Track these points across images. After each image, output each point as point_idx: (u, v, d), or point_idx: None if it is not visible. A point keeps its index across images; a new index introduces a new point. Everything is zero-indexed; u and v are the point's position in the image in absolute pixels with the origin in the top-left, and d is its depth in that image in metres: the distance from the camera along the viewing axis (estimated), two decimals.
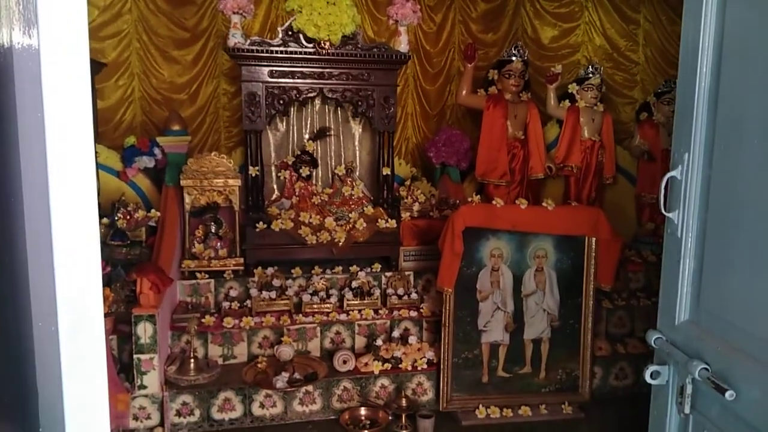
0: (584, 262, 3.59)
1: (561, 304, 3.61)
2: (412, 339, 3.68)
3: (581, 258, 3.59)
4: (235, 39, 3.74)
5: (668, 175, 1.45)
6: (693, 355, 1.42)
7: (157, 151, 4.17)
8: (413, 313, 3.82)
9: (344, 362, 3.49)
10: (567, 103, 4.72)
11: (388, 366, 3.51)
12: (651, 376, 1.61)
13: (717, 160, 1.39)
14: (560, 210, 3.57)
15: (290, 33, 3.82)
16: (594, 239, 3.56)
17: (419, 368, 3.55)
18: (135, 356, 3.10)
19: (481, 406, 3.50)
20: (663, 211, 1.48)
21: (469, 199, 3.52)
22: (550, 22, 5.50)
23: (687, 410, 1.46)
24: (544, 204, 3.54)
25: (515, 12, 5.40)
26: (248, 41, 3.76)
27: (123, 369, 3.29)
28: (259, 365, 3.41)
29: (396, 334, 3.73)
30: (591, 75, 4.70)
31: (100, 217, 3.84)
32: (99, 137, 4.42)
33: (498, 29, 5.40)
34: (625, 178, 5.11)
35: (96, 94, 4.37)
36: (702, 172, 1.41)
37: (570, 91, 4.75)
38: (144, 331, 3.08)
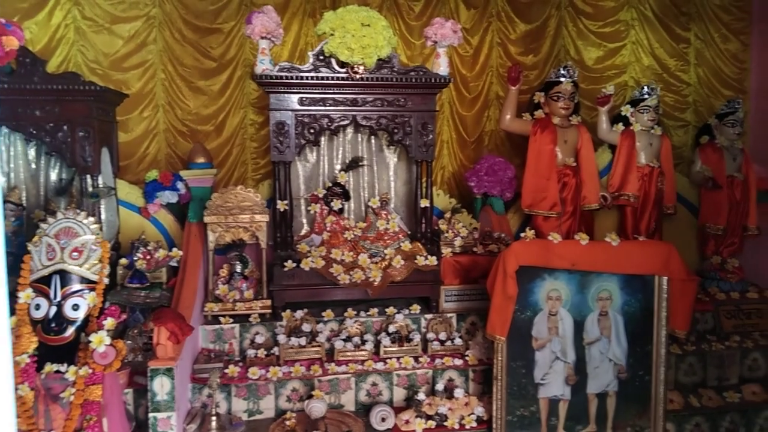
0: (655, 304, 3.16)
1: (629, 352, 3.18)
2: (458, 392, 3.28)
3: (651, 300, 3.17)
4: (263, 65, 3.49)
5: None
6: None
7: (180, 185, 3.93)
8: (458, 361, 3.42)
9: (383, 420, 3.10)
10: (620, 126, 4.35)
11: (431, 424, 3.12)
12: None
13: None
14: (626, 246, 3.16)
15: (321, 57, 3.55)
16: (665, 279, 3.14)
17: (467, 426, 3.14)
18: (151, 415, 2.77)
19: None
20: None
21: (522, 235, 3.15)
22: (594, 42, 5.20)
23: None
24: (607, 239, 3.14)
25: (557, 32, 5.12)
26: (277, 67, 3.51)
27: (139, 426, 2.97)
28: (287, 422, 3.05)
29: (439, 386, 3.34)
30: (647, 96, 4.33)
31: (119, 257, 3.59)
32: (121, 172, 4.21)
33: (539, 51, 5.11)
34: (683, 206, 4.69)
35: (116, 126, 4.17)
36: None
37: (623, 113, 4.39)
38: (161, 386, 2.75)
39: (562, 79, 4.19)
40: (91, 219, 2.84)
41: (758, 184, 4.52)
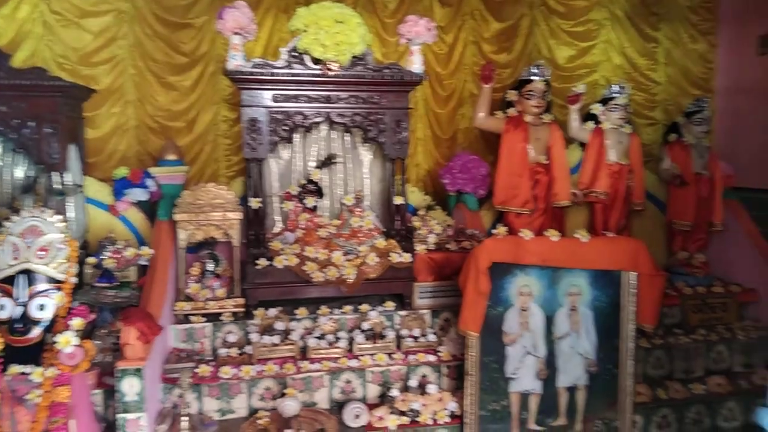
0: (623, 299, 3.22)
1: (598, 346, 3.24)
2: (431, 388, 3.31)
3: (620, 295, 3.23)
4: (236, 61, 3.46)
5: None
6: None
7: (150, 182, 3.87)
8: (431, 358, 3.44)
9: (356, 417, 3.11)
10: (591, 124, 4.42)
11: (405, 420, 3.14)
12: None
13: None
14: (596, 242, 3.22)
15: (295, 54, 3.53)
16: (634, 274, 3.20)
17: (440, 422, 3.17)
18: (120, 416, 2.73)
19: None
20: None
21: (494, 231, 3.18)
22: (566, 41, 5.25)
23: None
24: (576, 235, 3.20)
25: (530, 31, 5.16)
26: (249, 63, 3.48)
27: (109, 428, 2.92)
28: (260, 421, 3.04)
29: (413, 382, 3.36)
30: (617, 94, 4.40)
31: (87, 255, 3.53)
32: (89, 168, 4.14)
33: (512, 49, 5.15)
34: (652, 203, 4.78)
35: (83, 122, 4.09)
36: None
37: (593, 111, 4.45)
38: (130, 387, 2.72)
39: (534, 78, 4.23)
40: (58, 217, 2.78)
41: (724, 181, 4.63)
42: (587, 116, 4.50)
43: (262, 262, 3.53)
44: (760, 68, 5.00)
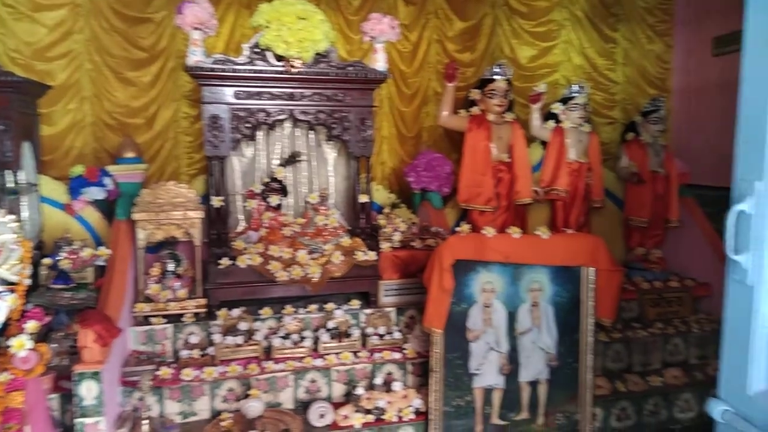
0: (582, 294, 3.29)
1: (559, 341, 3.30)
2: (397, 385, 3.31)
3: (579, 290, 3.29)
4: (196, 57, 3.40)
5: (736, 208, 1.15)
6: None
7: (107, 181, 3.76)
8: (396, 355, 3.46)
9: (321, 416, 3.10)
10: (551, 123, 4.49)
11: (370, 418, 3.14)
12: None
13: None
14: (556, 239, 3.27)
15: (257, 50, 3.49)
16: (592, 270, 3.27)
17: (405, 419, 3.18)
18: (78, 421, 2.66)
19: None
20: (729, 254, 1.19)
21: (458, 229, 3.21)
22: (527, 41, 5.33)
23: None
24: (537, 232, 3.25)
25: (492, 31, 5.22)
26: (210, 59, 3.42)
27: None
28: (223, 423, 2.99)
29: (378, 380, 3.36)
30: (577, 94, 4.49)
31: (42, 256, 3.41)
32: (45, 167, 4.01)
33: (475, 48, 5.20)
34: (610, 200, 4.89)
35: (38, 119, 3.96)
36: None
37: (554, 111, 4.53)
38: (88, 391, 2.65)
39: (497, 77, 4.28)
40: (11, 217, 2.68)
41: (679, 178, 4.76)
42: (548, 115, 4.58)
43: (225, 262, 3.48)
44: (715, 68, 5.16)
